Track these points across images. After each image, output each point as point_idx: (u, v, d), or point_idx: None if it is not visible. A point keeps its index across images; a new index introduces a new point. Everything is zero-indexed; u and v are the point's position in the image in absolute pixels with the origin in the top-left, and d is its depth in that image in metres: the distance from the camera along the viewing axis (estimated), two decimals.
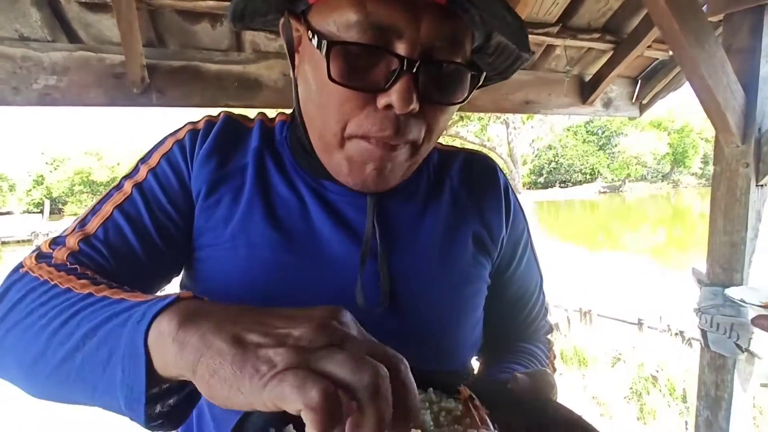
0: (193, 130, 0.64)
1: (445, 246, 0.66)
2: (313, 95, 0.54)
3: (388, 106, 0.49)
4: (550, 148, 56.89)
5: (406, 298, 0.61)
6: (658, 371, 4.19)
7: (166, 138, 0.65)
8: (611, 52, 2.25)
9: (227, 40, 1.75)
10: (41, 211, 39.06)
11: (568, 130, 55.27)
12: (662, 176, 52.10)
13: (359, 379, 0.28)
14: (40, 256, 0.53)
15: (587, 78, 2.42)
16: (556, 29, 2.05)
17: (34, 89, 1.56)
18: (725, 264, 1.74)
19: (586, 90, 2.42)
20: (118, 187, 0.60)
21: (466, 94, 0.54)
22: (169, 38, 1.70)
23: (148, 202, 0.58)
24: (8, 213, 42.83)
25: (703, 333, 1.80)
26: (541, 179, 58.43)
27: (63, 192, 48.65)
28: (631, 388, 4.29)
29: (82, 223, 0.57)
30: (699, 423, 1.87)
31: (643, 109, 2.61)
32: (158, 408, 0.38)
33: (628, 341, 5.18)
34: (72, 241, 0.54)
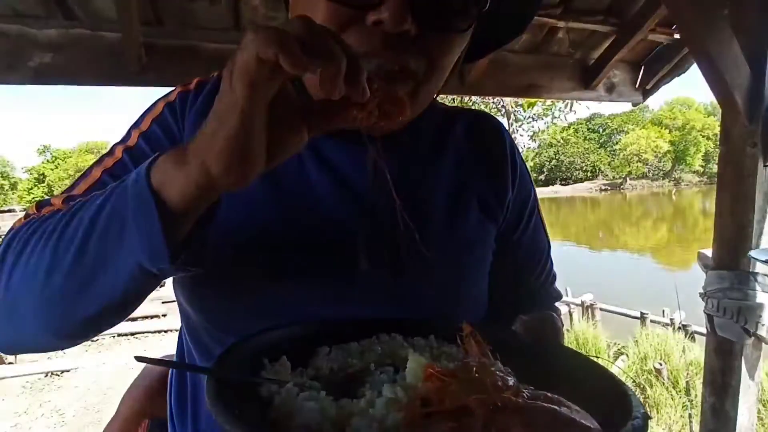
0: (184, 91, 0.62)
1: (450, 209, 0.63)
2: (300, 11, 0.50)
3: (378, 22, 0.45)
4: (551, 146, 56.81)
5: (409, 261, 0.59)
6: (661, 364, 4.16)
7: (157, 101, 0.63)
8: (614, 36, 2.22)
9: (226, 19, 1.72)
10: None
11: (570, 127, 55.20)
12: (663, 174, 51.99)
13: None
14: (27, 217, 0.52)
15: (590, 62, 2.39)
16: (558, 11, 2.02)
17: (29, 66, 1.54)
18: (732, 247, 1.70)
19: (589, 74, 2.39)
20: (110, 152, 0.59)
21: (468, 22, 0.50)
22: (167, 17, 1.67)
23: (138, 162, 0.56)
24: (10, 210, 42.90)
25: (709, 318, 1.77)
26: (542, 176, 58.37)
27: (64, 189, 48.87)
28: (634, 381, 4.26)
29: (71, 187, 0.56)
30: (705, 410, 1.84)
31: (646, 94, 2.57)
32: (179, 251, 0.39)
33: (630, 335, 5.15)
34: (57, 201, 0.53)
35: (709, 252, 1.86)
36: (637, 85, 2.55)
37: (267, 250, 0.56)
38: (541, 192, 52.76)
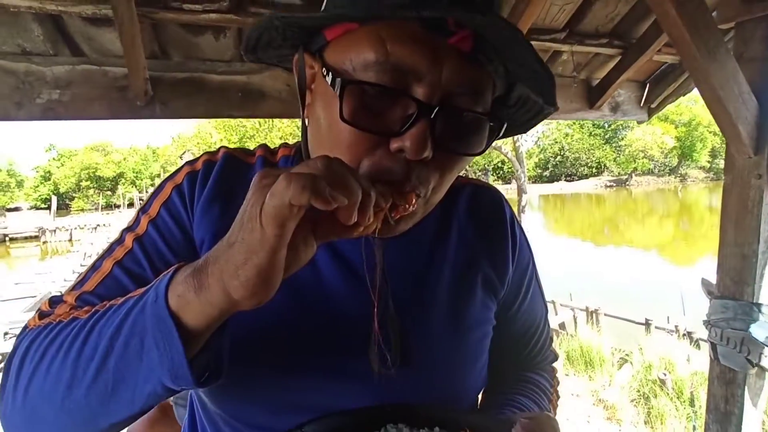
0: (192, 173, 0.62)
1: (455, 293, 0.64)
2: (324, 136, 0.51)
3: (400, 150, 0.47)
4: (556, 142, 56.52)
5: (417, 353, 0.60)
6: (665, 374, 4.16)
7: (164, 183, 0.62)
8: (619, 57, 2.21)
9: (230, 51, 1.73)
10: (48, 207, 39.38)
11: (575, 123, 54.85)
12: (669, 170, 51.62)
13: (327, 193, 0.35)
14: (42, 315, 0.53)
15: (594, 82, 2.39)
16: (563, 35, 2.02)
17: (37, 104, 1.55)
18: (736, 276, 1.71)
19: (593, 94, 2.39)
20: (120, 241, 0.59)
21: (483, 146, 0.52)
22: (173, 50, 1.68)
23: (149, 254, 0.57)
24: (17, 209, 43.24)
25: (713, 346, 1.77)
26: (547, 173, 58.14)
27: (70, 187, 49.01)
28: (638, 391, 4.27)
29: (82, 281, 0.56)
30: None
31: (651, 112, 2.57)
32: (201, 363, 0.41)
33: (635, 341, 5.15)
34: (70, 299, 0.53)
35: (712, 278, 1.86)
36: (642, 104, 2.54)
37: (282, 349, 0.57)
38: (546, 188, 52.55)
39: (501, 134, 0.55)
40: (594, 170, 56.01)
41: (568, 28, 2.02)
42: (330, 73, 0.47)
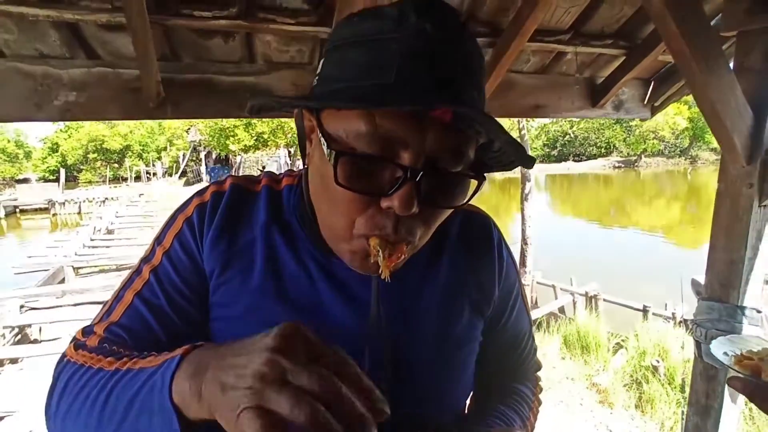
0: (201, 205, 0.68)
1: (443, 314, 0.72)
2: (322, 191, 0.58)
3: (389, 208, 0.53)
4: (569, 121, 55.61)
5: (407, 370, 0.68)
6: (658, 362, 4.28)
7: (176, 215, 0.69)
8: (623, 57, 2.22)
9: (239, 53, 1.78)
10: (57, 179, 39.70)
11: None
12: (680, 151, 50.86)
13: (297, 415, 0.36)
14: (77, 345, 0.63)
15: (598, 81, 2.40)
16: (567, 36, 2.04)
17: (55, 105, 1.62)
18: (724, 280, 1.78)
19: (597, 93, 2.41)
20: (138, 271, 0.67)
21: (466, 198, 0.58)
22: (183, 52, 1.73)
23: (164, 286, 0.65)
24: (25, 180, 43.60)
25: (698, 344, 1.86)
26: (555, 152, 57.47)
27: (77, 159, 49.19)
28: (632, 376, 4.40)
29: (108, 311, 0.65)
30: (688, 427, 1.96)
31: (654, 111, 2.58)
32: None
33: (632, 328, 5.26)
34: (99, 330, 0.63)
35: (701, 278, 1.94)
36: (645, 102, 2.56)
37: None
38: (553, 168, 52.07)
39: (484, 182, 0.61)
40: (603, 150, 55.30)
41: (573, 29, 2.04)
42: (325, 141, 0.53)
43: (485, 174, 0.62)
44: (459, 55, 0.53)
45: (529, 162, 0.59)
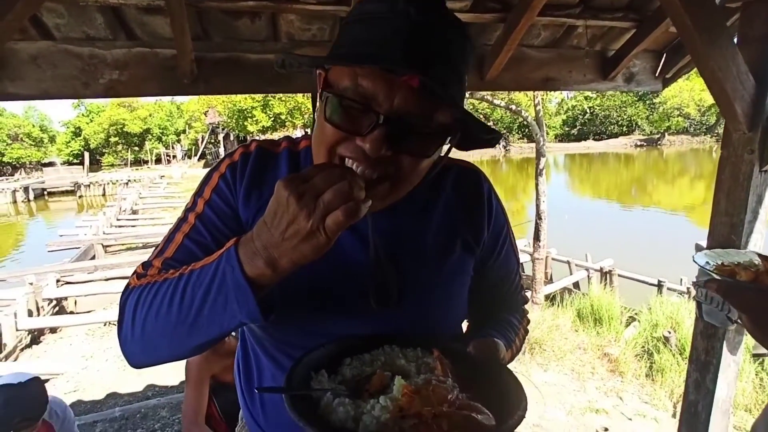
0: (232, 164, 0.82)
1: (440, 251, 0.86)
2: (318, 131, 0.71)
3: (363, 145, 0.64)
4: (588, 99, 54.19)
5: (409, 296, 0.82)
6: (670, 332, 4.36)
7: (212, 174, 0.83)
8: (634, 30, 2.27)
9: (264, 32, 1.90)
10: (81, 162, 40.73)
11: None
12: (706, 129, 49.24)
13: (338, 194, 0.54)
14: (139, 276, 0.75)
15: (609, 54, 2.46)
16: (578, 10, 2.10)
17: (100, 83, 1.78)
18: (724, 243, 1.86)
19: (607, 66, 2.46)
20: (184, 219, 0.80)
21: (433, 150, 0.70)
22: (214, 32, 1.86)
23: (208, 228, 0.78)
24: (51, 164, 44.79)
25: (698, 304, 1.95)
26: (575, 131, 56.26)
27: (99, 143, 50.19)
28: (643, 347, 4.49)
29: (161, 250, 0.78)
30: (689, 383, 2.08)
31: (666, 83, 2.62)
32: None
33: (646, 302, 5.33)
34: (157, 263, 0.75)
35: (704, 244, 2.03)
36: (657, 74, 2.60)
37: (307, 293, 0.79)
38: (572, 147, 51.05)
39: (460, 145, 0.74)
40: (624, 129, 53.90)
41: (583, 2, 2.10)
42: (323, 88, 0.67)
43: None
44: (435, 36, 0.64)
45: (491, 140, 0.73)
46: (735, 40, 1.67)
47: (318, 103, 0.73)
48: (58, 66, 1.72)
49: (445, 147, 0.75)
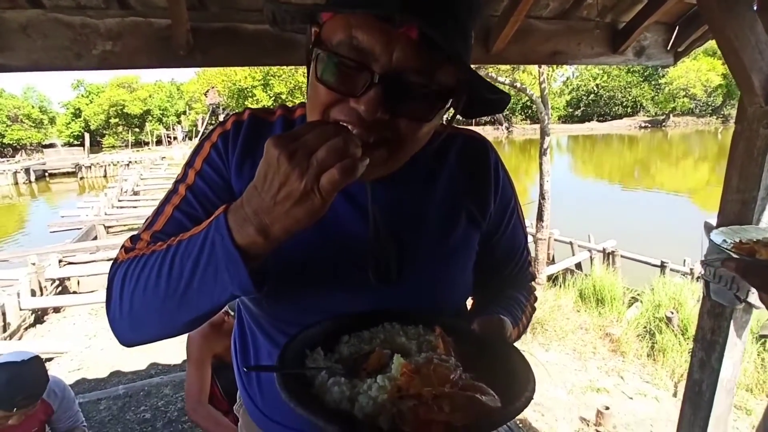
0: (224, 132, 0.77)
1: (442, 223, 0.80)
2: (311, 93, 0.64)
3: (357, 107, 0.59)
4: (593, 78, 53.38)
5: (410, 270, 0.77)
6: (672, 313, 4.35)
7: (203, 142, 0.78)
8: (646, 0, 2.19)
9: (263, 1, 1.83)
10: (81, 144, 40.54)
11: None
12: (712, 110, 48.58)
13: (333, 150, 0.49)
14: (127, 250, 0.70)
15: (620, 26, 2.37)
16: None
17: (93, 54, 1.72)
18: (735, 221, 1.82)
19: (618, 38, 2.38)
20: (174, 191, 0.75)
21: (434, 114, 0.63)
22: (210, 1, 1.79)
23: (199, 199, 0.73)
24: (51, 145, 44.62)
25: (706, 283, 1.93)
26: (579, 112, 55.62)
27: (99, 124, 49.90)
28: (645, 327, 4.49)
29: (151, 223, 0.73)
30: (693, 362, 2.06)
31: (677, 56, 2.54)
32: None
33: (648, 283, 5.32)
34: (145, 236, 0.71)
35: (713, 221, 1.98)
36: (668, 47, 2.51)
37: (306, 268, 0.75)
38: (575, 129, 50.57)
39: (464, 112, 0.68)
40: (629, 110, 53.23)
41: None
42: (313, 45, 0.61)
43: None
44: None
45: (498, 102, 0.67)
46: (755, 6, 1.59)
47: (311, 69, 0.66)
48: (48, 36, 1.66)
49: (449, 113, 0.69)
